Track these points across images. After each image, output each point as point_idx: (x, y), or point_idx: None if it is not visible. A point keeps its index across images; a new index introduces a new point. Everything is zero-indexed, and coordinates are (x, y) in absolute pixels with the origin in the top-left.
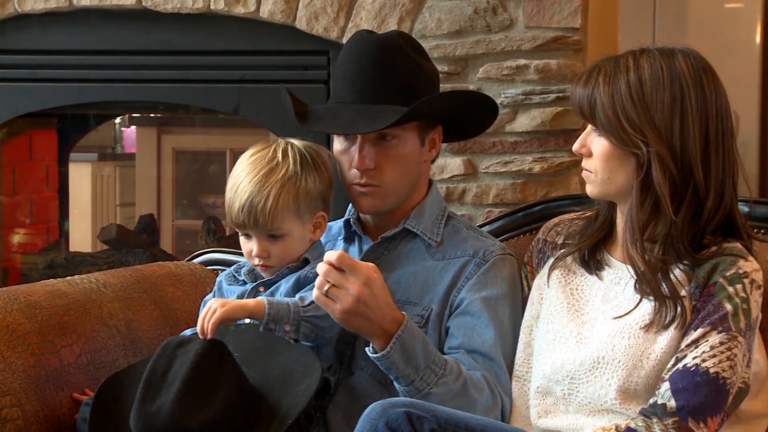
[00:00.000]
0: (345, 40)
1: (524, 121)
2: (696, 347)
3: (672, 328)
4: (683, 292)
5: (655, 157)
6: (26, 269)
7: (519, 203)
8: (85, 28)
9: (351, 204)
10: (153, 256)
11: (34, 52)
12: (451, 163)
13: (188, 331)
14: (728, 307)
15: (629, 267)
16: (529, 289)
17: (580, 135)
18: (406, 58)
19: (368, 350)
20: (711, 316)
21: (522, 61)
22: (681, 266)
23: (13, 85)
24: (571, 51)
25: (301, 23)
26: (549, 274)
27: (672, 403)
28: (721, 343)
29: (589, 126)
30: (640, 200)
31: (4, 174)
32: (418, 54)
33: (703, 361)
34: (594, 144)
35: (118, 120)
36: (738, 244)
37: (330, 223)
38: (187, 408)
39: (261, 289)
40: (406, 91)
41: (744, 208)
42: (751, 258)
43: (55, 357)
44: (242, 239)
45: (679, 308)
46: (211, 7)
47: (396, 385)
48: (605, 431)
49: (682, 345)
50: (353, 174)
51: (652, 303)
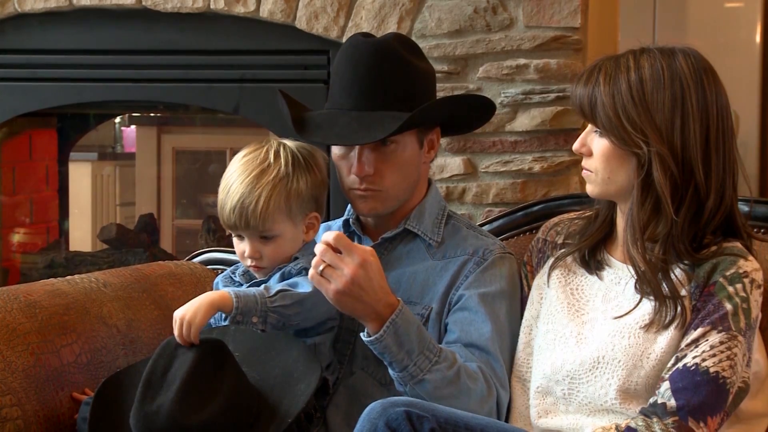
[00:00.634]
0: (345, 40)
1: (524, 121)
2: (696, 347)
3: (672, 327)
4: (683, 292)
5: (655, 157)
6: (26, 269)
7: (519, 203)
8: (84, 28)
9: (350, 205)
10: (153, 256)
11: (34, 51)
12: (451, 163)
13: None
14: (728, 306)
15: (629, 267)
16: (529, 288)
17: (580, 134)
18: (403, 63)
19: (362, 335)
20: (711, 316)
21: (522, 61)
22: (681, 266)
23: (13, 85)
24: (571, 51)
25: (301, 23)
26: (549, 274)
27: (672, 402)
28: (721, 343)
29: (590, 125)
30: (640, 200)
31: (4, 174)
32: (415, 56)
33: (703, 360)
34: (594, 143)
35: (117, 119)
36: (738, 244)
37: (329, 222)
38: (186, 407)
39: (266, 288)
40: (404, 97)
41: (744, 207)
42: (751, 257)
43: (55, 356)
44: (235, 240)
45: (679, 308)
46: (211, 6)
47: (390, 371)
48: (605, 431)
49: (682, 344)
50: (352, 179)
51: (652, 303)
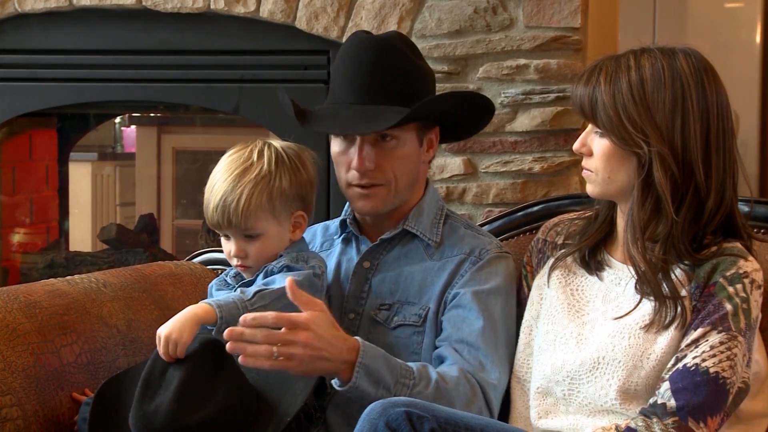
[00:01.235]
0: (345, 40)
1: (524, 121)
2: (696, 347)
3: (672, 328)
4: (683, 292)
5: (656, 157)
6: (26, 269)
7: (519, 203)
8: (85, 28)
9: (348, 204)
10: (153, 256)
11: (34, 51)
12: (451, 163)
13: None
14: (728, 306)
15: (630, 267)
16: (529, 289)
17: (580, 134)
18: (405, 60)
19: (335, 383)
20: (711, 316)
21: (522, 61)
22: (681, 266)
23: (13, 85)
24: (571, 51)
25: (301, 23)
26: (549, 275)
27: (672, 402)
28: (721, 343)
29: (590, 125)
30: (641, 200)
31: (4, 173)
32: (415, 55)
33: (703, 360)
34: (595, 143)
35: (118, 119)
36: (738, 244)
37: (327, 222)
38: (185, 406)
39: (242, 292)
40: (405, 92)
41: (744, 207)
42: (751, 258)
43: (55, 356)
44: (223, 241)
45: (679, 308)
46: (211, 6)
47: None
48: (605, 431)
49: (682, 345)
50: (352, 175)
51: (653, 303)
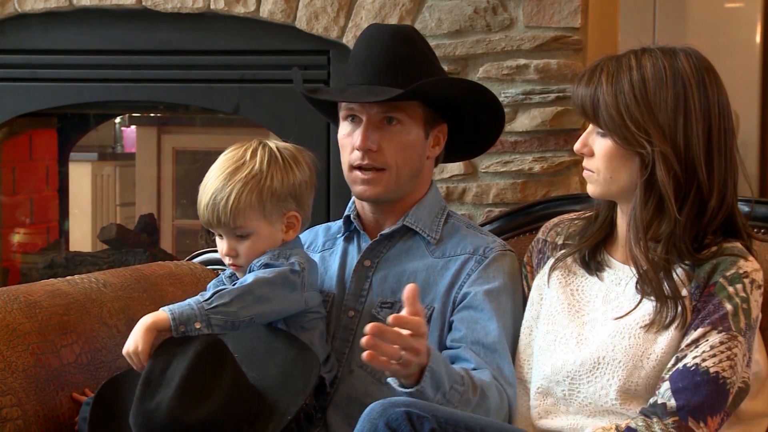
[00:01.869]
0: (345, 40)
1: (524, 121)
2: (696, 347)
3: (672, 328)
4: (684, 292)
5: (659, 156)
6: (26, 269)
7: (519, 203)
8: (85, 28)
9: (351, 200)
10: (153, 256)
11: (34, 51)
12: (451, 163)
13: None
14: (728, 306)
15: (630, 267)
16: (529, 289)
17: (580, 135)
18: (415, 48)
19: (393, 383)
20: (711, 316)
21: (522, 61)
22: (682, 266)
23: (13, 85)
24: (571, 51)
25: (301, 23)
26: (549, 275)
27: (672, 402)
28: (721, 343)
29: (591, 126)
30: (643, 199)
31: (4, 174)
32: (430, 52)
33: (703, 360)
34: (596, 143)
35: (118, 120)
36: (738, 244)
37: (329, 223)
38: (186, 404)
39: (201, 294)
40: (414, 78)
41: (745, 207)
42: (751, 258)
43: (55, 357)
44: (217, 240)
45: (679, 308)
46: (211, 6)
47: None
48: (605, 431)
49: (682, 345)
50: (355, 156)
51: (653, 303)
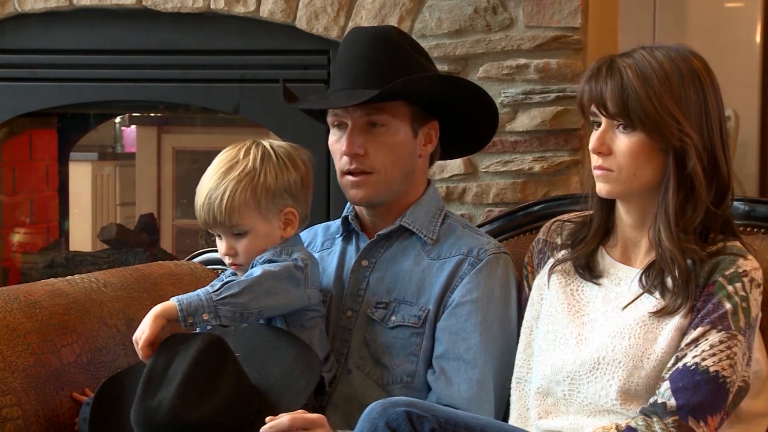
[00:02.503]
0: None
1: (524, 121)
2: (696, 346)
3: (678, 316)
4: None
5: (691, 148)
6: (26, 269)
7: (519, 203)
8: (85, 28)
9: (348, 201)
10: (153, 256)
11: (34, 51)
12: (451, 163)
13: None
14: (728, 305)
15: (629, 267)
16: (530, 289)
17: (581, 134)
18: (397, 49)
19: None
20: (711, 315)
21: (522, 61)
22: (688, 261)
23: (13, 85)
24: (571, 50)
25: (301, 23)
26: (549, 276)
27: (672, 402)
28: (721, 342)
29: (605, 123)
30: (676, 191)
31: (4, 173)
32: (414, 49)
33: (703, 360)
34: (617, 140)
35: (118, 119)
36: (738, 243)
37: (329, 222)
38: (187, 402)
39: (211, 285)
40: (395, 79)
41: (744, 207)
42: (750, 256)
43: (55, 356)
44: (217, 240)
45: (690, 291)
46: (211, 6)
47: None
48: (606, 431)
49: (682, 344)
50: (344, 161)
51: (656, 300)
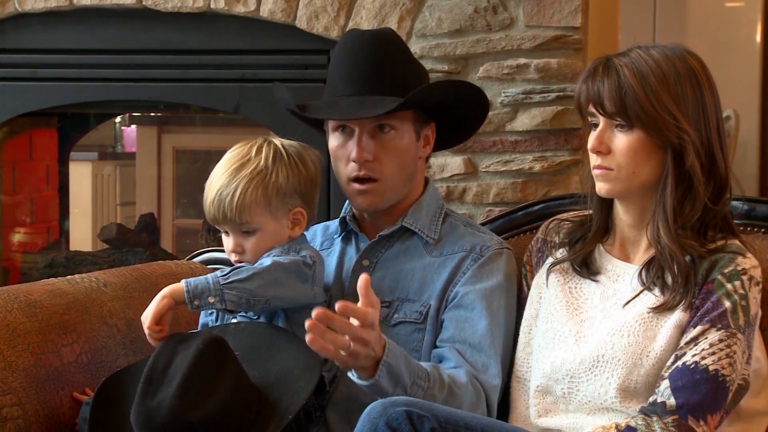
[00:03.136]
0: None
1: (524, 120)
2: (695, 345)
3: (677, 312)
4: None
5: (689, 145)
6: (26, 268)
7: (519, 202)
8: (85, 28)
9: (347, 201)
10: (153, 256)
11: (34, 51)
12: (452, 162)
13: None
14: (727, 304)
15: (627, 263)
16: (529, 288)
17: (581, 134)
18: (400, 52)
19: (352, 376)
20: (710, 314)
21: (522, 60)
22: (687, 259)
23: (13, 85)
24: (571, 50)
25: (301, 22)
26: (547, 274)
27: (672, 401)
28: (721, 341)
29: (603, 122)
30: (674, 188)
31: (5, 173)
32: (410, 53)
33: (703, 358)
34: (616, 139)
35: (118, 119)
36: (737, 241)
37: (327, 222)
38: (187, 403)
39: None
40: (401, 83)
41: (744, 207)
42: (749, 255)
43: (55, 356)
44: (223, 237)
45: (689, 286)
46: (212, 6)
47: None
48: (605, 430)
49: (681, 342)
50: (351, 168)
51: (655, 296)
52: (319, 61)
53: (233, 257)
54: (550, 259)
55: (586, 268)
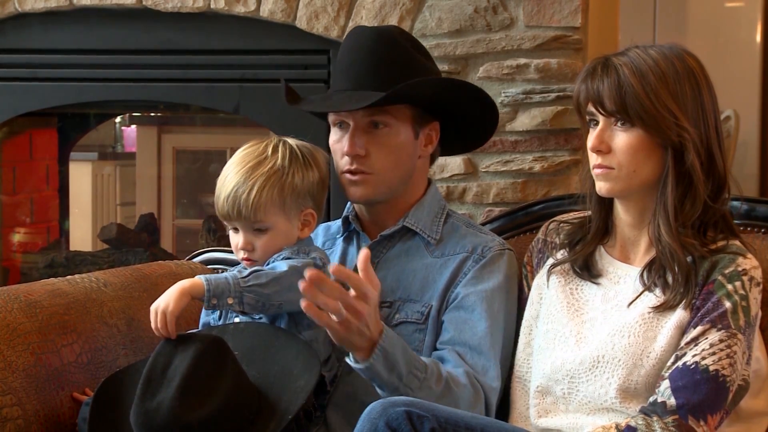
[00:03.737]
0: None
1: (524, 120)
2: (695, 345)
3: (678, 312)
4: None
5: (689, 143)
6: (26, 268)
7: (519, 202)
8: (85, 27)
9: (350, 202)
10: (153, 256)
11: (34, 51)
12: (452, 162)
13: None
14: (727, 304)
15: (628, 265)
16: (529, 288)
17: (581, 134)
18: (400, 50)
19: (349, 360)
20: (710, 314)
21: (522, 60)
22: (689, 259)
23: (14, 85)
24: (571, 50)
25: (301, 22)
26: (548, 275)
27: (672, 401)
28: (721, 341)
29: (603, 121)
30: (674, 186)
31: (5, 173)
32: (416, 49)
33: (703, 359)
34: (616, 138)
35: (118, 119)
36: (737, 242)
37: (329, 223)
38: (187, 404)
39: (239, 271)
40: (397, 80)
41: (744, 207)
42: (750, 255)
43: (55, 356)
44: (231, 234)
45: (690, 285)
46: (212, 6)
47: (379, 392)
48: (605, 430)
49: (682, 343)
50: (344, 161)
51: (656, 298)
52: (319, 61)
53: (241, 254)
54: (550, 260)
55: (587, 270)
